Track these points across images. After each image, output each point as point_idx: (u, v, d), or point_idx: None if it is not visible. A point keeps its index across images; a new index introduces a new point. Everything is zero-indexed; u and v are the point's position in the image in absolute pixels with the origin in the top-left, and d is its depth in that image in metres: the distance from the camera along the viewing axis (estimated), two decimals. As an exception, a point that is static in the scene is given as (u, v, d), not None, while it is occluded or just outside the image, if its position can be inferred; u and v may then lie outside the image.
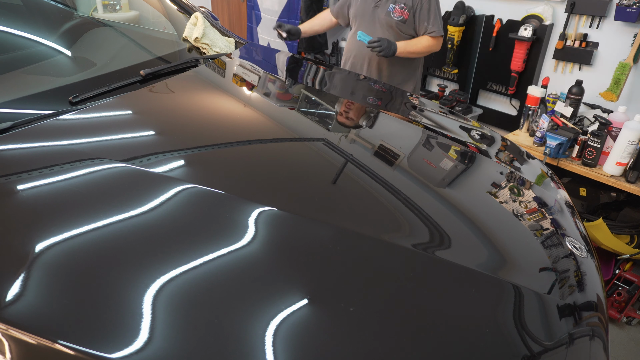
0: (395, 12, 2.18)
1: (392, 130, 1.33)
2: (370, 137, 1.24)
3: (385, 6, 2.20)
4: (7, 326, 0.58)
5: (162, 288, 0.65)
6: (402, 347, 0.64)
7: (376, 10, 2.22)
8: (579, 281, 0.91)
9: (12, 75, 1.18)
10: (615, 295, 2.15)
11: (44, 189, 0.81)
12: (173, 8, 1.73)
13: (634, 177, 2.01)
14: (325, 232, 0.82)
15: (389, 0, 2.19)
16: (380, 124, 1.36)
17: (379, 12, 2.21)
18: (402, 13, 2.17)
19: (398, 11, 2.18)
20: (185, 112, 1.15)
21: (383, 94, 1.72)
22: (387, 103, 1.64)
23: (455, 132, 1.43)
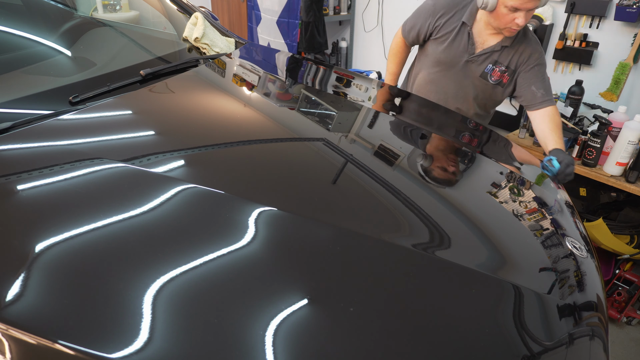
0: (493, 75, 1.75)
1: (392, 130, 1.33)
2: (370, 137, 1.24)
3: (481, 65, 1.76)
4: (7, 326, 0.58)
5: (162, 288, 0.65)
6: (402, 347, 0.64)
7: (468, 65, 1.78)
8: (579, 281, 0.91)
9: (12, 75, 1.18)
10: (615, 295, 2.15)
11: (44, 189, 0.81)
12: (173, 8, 1.73)
13: (634, 177, 2.01)
14: (325, 232, 0.82)
15: (487, 59, 1.74)
16: (380, 124, 1.36)
17: (473, 69, 1.78)
18: (502, 77, 1.75)
19: (497, 74, 1.75)
20: (185, 112, 1.15)
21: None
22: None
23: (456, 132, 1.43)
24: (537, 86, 1.70)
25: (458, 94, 1.85)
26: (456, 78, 1.83)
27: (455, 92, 1.85)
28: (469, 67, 1.79)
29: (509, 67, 1.73)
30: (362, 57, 3.88)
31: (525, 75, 1.71)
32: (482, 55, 1.75)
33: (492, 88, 1.79)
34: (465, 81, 1.82)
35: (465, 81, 1.82)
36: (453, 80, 1.84)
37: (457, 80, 1.83)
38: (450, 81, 1.84)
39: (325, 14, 3.55)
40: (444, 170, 1.16)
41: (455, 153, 1.28)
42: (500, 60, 1.73)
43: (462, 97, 1.86)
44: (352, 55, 3.95)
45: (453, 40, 1.77)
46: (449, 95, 1.86)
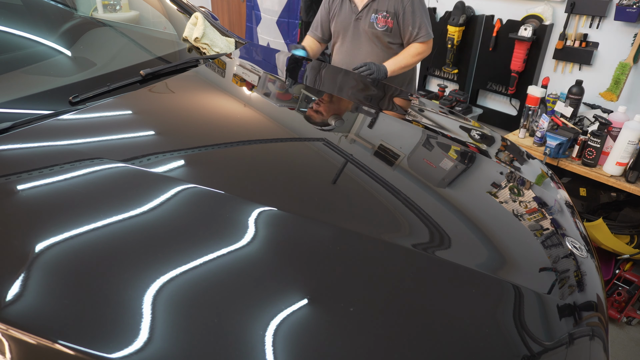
0: (378, 23, 2.01)
1: (392, 130, 1.33)
2: (370, 137, 1.24)
3: (367, 17, 2.03)
4: (7, 326, 0.58)
5: (162, 288, 0.65)
6: (402, 347, 0.64)
7: (358, 22, 2.06)
8: (579, 281, 0.91)
9: (12, 75, 1.18)
10: (615, 295, 2.15)
11: (44, 189, 0.81)
12: (173, 8, 1.73)
13: (634, 177, 2.01)
14: (326, 232, 0.82)
15: (370, 10, 2.03)
16: (380, 124, 1.36)
17: (362, 24, 2.05)
18: (386, 22, 2.00)
19: (381, 21, 2.00)
20: (185, 112, 1.15)
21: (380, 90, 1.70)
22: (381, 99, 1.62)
23: (456, 132, 1.43)
24: (413, 25, 2.00)
25: (361, 52, 2.10)
26: (353, 39, 2.11)
27: (357, 51, 2.11)
28: (359, 25, 2.06)
29: (389, 11, 1.99)
30: (362, 57, 3.88)
31: (403, 17, 1.99)
32: (363, 10, 2.03)
33: (384, 34, 2.03)
34: (361, 38, 2.09)
35: (361, 38, 2.09)
36: (352, 42, 2.11)
37: (354, 40, 2.11)
38: (350, 44, 2.12)
39: (325, 14, 3.54)
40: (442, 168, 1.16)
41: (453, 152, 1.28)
42: (380, 8, 2.00)
43: (365, 52, 2.10)
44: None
45: (340, 10, 2.10)
46: (355, 57, 2.11)
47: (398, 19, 1.99)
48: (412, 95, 1.73)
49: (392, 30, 2.02)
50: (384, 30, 2.02)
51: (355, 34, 2.10)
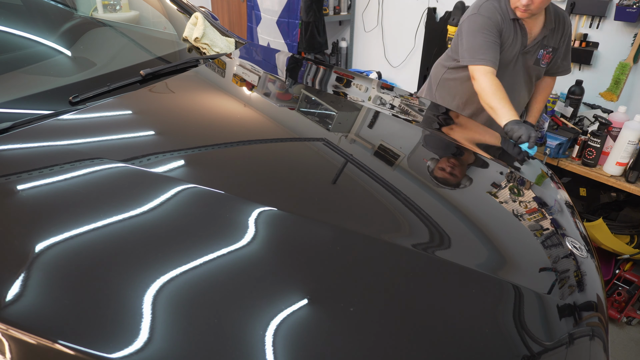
0: (544, 59, 1.78)
1: (392, 130, 1.33)
2: (370, 137, 1.24)
3: (535, 53, 1.75)
4: (7, 326, 0.58)
5: (162, 288, 0.65)
6: (402, 347, 0.64)
7: (524, 57, 1.77)
8: (579, 281, 0.91)
9: (12, 75, 1.18)
10: (615, 295, 2.15)
11: (44, 189, 0.81)
12: (173, 8, 1.73)
13: (634, 177, 2.01)
14: (325, 232, 0.82)
15: (540, 46, 1.75)
16: (380, 124, 1.36)
17: (528, 59, 1.78)
18: (548, 58, 1.79)
19: (546, 57, 1.78)
20: (185, 112, 1.15)
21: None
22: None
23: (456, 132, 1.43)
24: (566, 58, 1.83)
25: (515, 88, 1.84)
26: (512, 73, 1.81)
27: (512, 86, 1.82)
28: (525, 59, 1.78)
29: (554, 47, 1.79)
30: (362, 57, 3.88)
31: (564, 51, 1.82)
32: (534, 45, 1.76)
33: (542, 71, 1.84)
34: (521, 72, 1.82)
35: (521, 72, 1.82)
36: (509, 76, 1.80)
37: (512, 74, 1.81)
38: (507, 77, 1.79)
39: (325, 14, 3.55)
40: (444, 170, 1.16)
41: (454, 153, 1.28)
42: (548, 44, 1.77)
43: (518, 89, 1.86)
44: (352, 55, 3.95)
45: (513, 37, 1.73)
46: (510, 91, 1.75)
47: (556, 54, 1.82)
48: (411, 96, 1.71)
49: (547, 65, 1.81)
50: (544, 67, 1.81)
51: (515, 69, 1.79)
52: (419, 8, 3.12)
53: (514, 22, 1.71)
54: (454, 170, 1.18)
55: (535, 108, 1.99)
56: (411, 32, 3.25)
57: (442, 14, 3.01)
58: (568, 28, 1.80)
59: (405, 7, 3.26)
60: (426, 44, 3.16)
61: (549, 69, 1.88)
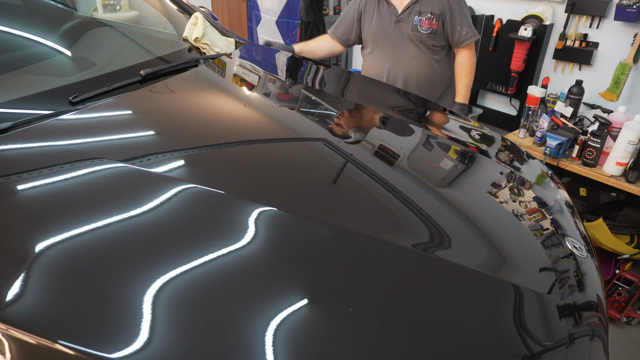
0: (422, 25, 1.89)
1: (392, 130, 1.33)
2: (370, 137, 1.24)
3: (409, 20, 1.90)
4: (7, 326, 0.58)
5: (162, 288, 0.65)
6: (402, 347, 0.64)
7: (399, 25, 1.93)
8: (579, 281, 0.91)
9: (12, 75, 1.18)
10: (615, 295, 2.15)
11: (44, 189, 0.81)
12: (173, 8, 1.73)
13: (634, 177, 2.01)
14: (325, 232, 0.82)
15: (412, 12, 1.89)
16: (380, 124, 1.36)
17: (403, 27, 1.93)
18: (431, 24, 1.88)
19: (426, 23, 1.88)
20: (185, 112, 1.15)
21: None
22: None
23: (456, 132, 1.43)
24: (460, 25, 1.90)
25: (404, 56, 1.98)
26: (394, 43, 1.97)
27: (400, 56, 1.98)
28: (401, 28, 1.93)
29: (433, 12, 1.88)
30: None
31: (451, 17, 1.89)
32: (404, 12, 1.91)
33: (427, 37, 1.92)
34: (403, 41, 1.96)
35: (403, 41, 1.96)
36: (393, 47, 1.98)
37: (395, 44, 1.97)
38: (391, 48, 1.99)
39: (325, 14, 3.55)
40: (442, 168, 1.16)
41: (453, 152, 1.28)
42: (423, 9, 1.89)
43: (409, 57, 1.98)
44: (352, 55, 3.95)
45: (378, 13, 1.96)
46: (398, 62, 1.99)
47: (444, 21, 1.89)
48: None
49: (436, 33, 1.91)
50: (428, 33, 1.91)
51: (395, 38, 1.96)
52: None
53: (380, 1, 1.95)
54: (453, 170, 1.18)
55: (460, 85, 2.03)
56: (411, 32, 3.25)
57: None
58: None
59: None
60: (426, 44, 3.17)
61: (452, 39, 1.94)
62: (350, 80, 1.72)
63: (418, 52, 1.97)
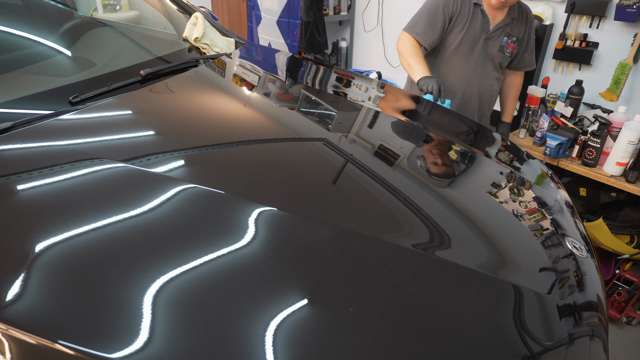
0: (508, 47, 1.88)
1: (392, 130, 1.33)
2: (370, 137, 1.24)
3: (498, 39, 1.86)
4: (7, 326, 0.58)
5: (162, 288, 0.65)
6: (402, 347, 0.64)
7: (487, 43, 1.87)
8: (579, 281, 0.91)
9: (12, 75, 1.18)
10: (615, 295, 2.15)
11: (44, 189, 0.81)
12: (173, 8, 1.73)
13: (634, 177, 2.01)
14: (325, 232, 0.82)
15: (502, 33, 1.86)
16: (380, 124, 1.36)
17: (490, 45, 1.87)
18: (514, 48, 1.89)
19: (511, 46, 1.88)
20: (186, 112, 1.15)
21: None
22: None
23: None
24: (528, 52, 1.94)
25: (483, 73, 1.93)
26: (477, 58, 1.90)
27: (479, 73, 1.93)
28: (488, 45, 1.87)
29: (519, 37, 1.88)
30: (362, 57, 3.88)
31: (527, 43, 1.91)
32: (496, 31, 1.85)
33: (505, 59, 1.93)
34: (486, 59, 1.90)
35: (486, 59, 1.90)
36: (474, 62, 1.91)
37: (478, 60, 1.91)
38: (472, 63, 1.91)
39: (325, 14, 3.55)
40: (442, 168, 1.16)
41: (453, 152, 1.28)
42: (512, 32, 1.86)
43: (486, 75, 1.95)
44: (352, 55, 3.95)
45: (470, 23, 1.83)
46: (473, 77, 1.94)
47: (521, 45, 1.92)
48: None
49: (512, 57, 1.92)
50: (509, 55, 1.91)
51: (480, 54, 1.88)
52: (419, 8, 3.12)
53: (475, 6, 1.83)
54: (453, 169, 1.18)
55: (508, 107, 2.11)
56: (411, 32, 3.25)
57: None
58: (532, 22, 1.92)
59: (405, 7, 3.26)
60: (426, 44, 3.17)
61: (515, 63, 1.99)
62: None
63: (493, 71, 1.96)
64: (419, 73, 1.76)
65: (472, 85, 1.95)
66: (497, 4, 1.76)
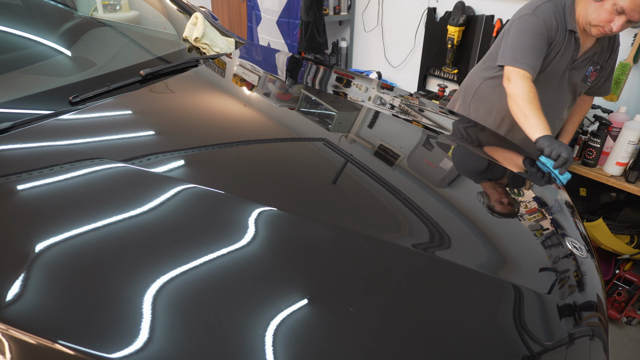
0: (591, 77, 1.69)
1: (392, 130, 1.33)
2: (370, 137, 1.24)
3: (583, 68, 1.66)
4: (7, 326, 0.58)
5: (162, 288, 0.65)
6: (402, 347, 0.64)
7: (571, 71, 1.66)
8: (579, 281, 0.91)
9: (12, 75, 1.18)
10: (615, 295, 2.15)
11: (44, 189, 0.81)
12: (173, 8, 1.73)
13: (634, 177, 2.01)
14: (325, 232, 0.82)
15: (589, 62, 1.67)
16: (380, 124, 1.36)
17: (574, 75, 1.67)
18: (595, 76, 1.71)
19: (594, 75, 1.69)
20: (186, 112, 1.15)
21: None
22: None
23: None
24: (608, 80, 1.77)
25: (561, 102, 1.75)
26: (558, 89, 1.70)
27: (558, 103, 1.75)
28: (572, 74, 1.67)
29: (602, 65, 1.71)
30: (362, 57, 3.88)
31: (608, 71, 1.76)
32: (584, 59, 1.66)
33: (585, 88, 1.75)
34: (569, 89, 1.71)
35: (569, 89, 1.71)
36: (555, 92, 1.70)
37: (559, 90, 1.71)
38: (552, 93, 1.70)
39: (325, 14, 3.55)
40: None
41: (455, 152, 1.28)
42: (598, 61, 1.68)
43: (563, 105, 1.77)
44: (352, 55, 3.95)
45: (564, 51, 1.61)
46: (554, 107, 1.74)
47: (602, 73, 1.75)
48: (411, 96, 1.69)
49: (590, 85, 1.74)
50: (590, 84, 1.72)
51: (562, 82, 1.67)
52: (419, 8, 3.12)
53: (570, 33, 1.59)
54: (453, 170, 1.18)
55: (570, 129, 1.89)
56: (411, 32, 3.25)
57: (442, 14, 3.01)
58: (617, 48, 1.73)
59: (405, 7, 3.26)
60: (426, 44, 3.16)
61: (595, 91, 1.82)
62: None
63: (570, 100, 1.78)
64: (539, 129, 1.43)
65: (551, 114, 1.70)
66: (598, 34, 1.53)
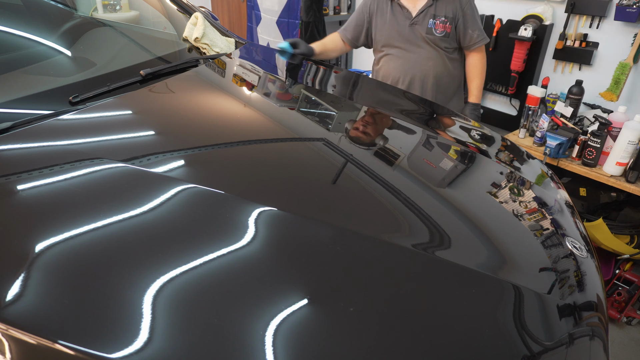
0: (437, 28, 1.95)
1: (392, 130, 1.33)
2: (370, 137, 1.24)
3: (423, 23, 1.96)
4: (7, 326, 0.58)
5: (162, 288, 0.65)
6: (402, 347, 0.64)
7: (414, 28, 1.98)
8: (579, 281, 0.91)
9: (12, 75, 1.18)
10: (615, 295, 2.15)
11: (44, 189, 0.81)
12: (173, 8, 1.73)
13: (634, 177, 2.01)
14: (325, 232, 0.82)
15: (427, 16, 1.96)
16: (380, 124, 1.36)
17: (418, 29, 1.98)
18: (445, 27, 1.95)
19: (440, 26, 1.95)
20: (186, 112, 1.15)
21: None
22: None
23: (456, 132, 1.43)
24: (472, 28, 1.96)
25: (420, 56, 2.03)
26: (410, 44, 2.02)
27: (416, 55, 2.03)
28: (415, 31, 1.98)
29: (447, 16, 1.94)
30: (362, 57, 3.88)
31: (463, 21, 1.95)
32: (419, 15, 1.96)
33: (441, 40, 1.98)
34: (418, 42, 2.00)
35: (418, 42, 2.00)
36: (408, 48, 2.02)
37: (411, 45, 2.02)
38: (407, 49, 2.03)
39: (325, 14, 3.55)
40: (436, 165, 1.16)
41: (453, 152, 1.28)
42: (438, 13, 1.94)
43: (423, 58, 2.03)
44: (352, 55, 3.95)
45: (392, 16, 2.00)
46: (414, 64, 2.03)
47: (457, 24, 1.96)
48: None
49: (449, 36, 1.98)
50: (442, 36, 1.97)
51: (410, 39, 2.01)
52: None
53: (390, 2, 2.00)
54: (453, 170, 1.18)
55: (472, 86, 2.11)
56: (411, 32, 3.25)
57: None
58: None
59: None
60: (426, 44, 3.17)
61: (463, 42, 2.01)
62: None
63: (433, 52, 2.01)
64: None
65: (411, 69, 2.04)
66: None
